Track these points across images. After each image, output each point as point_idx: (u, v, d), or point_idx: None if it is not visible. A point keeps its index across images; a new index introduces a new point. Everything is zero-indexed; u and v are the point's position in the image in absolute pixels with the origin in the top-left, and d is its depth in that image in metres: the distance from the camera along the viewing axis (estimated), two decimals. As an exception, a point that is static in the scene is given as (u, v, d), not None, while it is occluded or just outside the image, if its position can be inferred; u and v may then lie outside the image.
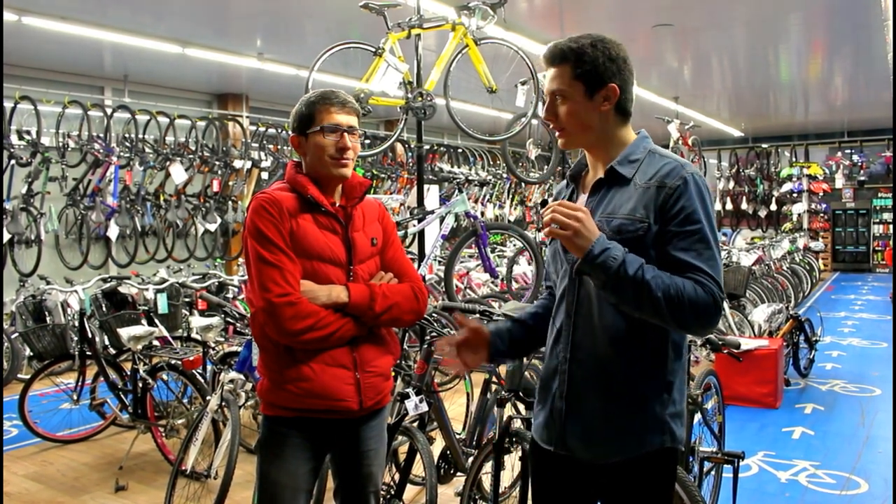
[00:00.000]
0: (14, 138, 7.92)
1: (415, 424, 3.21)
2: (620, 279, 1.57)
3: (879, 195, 16.39)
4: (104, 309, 6.87)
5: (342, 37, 4.58)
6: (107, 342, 5.41)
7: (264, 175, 10.21)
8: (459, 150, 12.95)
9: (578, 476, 1.83)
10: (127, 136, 8.79)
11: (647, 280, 1.57)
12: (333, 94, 2.22)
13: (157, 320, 6.04)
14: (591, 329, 1.72)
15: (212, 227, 9.57)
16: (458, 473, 3.42)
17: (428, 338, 3.31)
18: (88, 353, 4.94)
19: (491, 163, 13.02)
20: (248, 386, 3.92)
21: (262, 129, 10.58)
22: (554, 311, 1.84)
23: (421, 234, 4.84)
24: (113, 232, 8.47)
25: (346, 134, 2.19)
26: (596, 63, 1.71)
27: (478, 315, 3.33)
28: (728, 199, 16.44)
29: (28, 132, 7.97)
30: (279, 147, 10.49)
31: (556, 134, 1.80)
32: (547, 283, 1.99)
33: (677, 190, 1.66)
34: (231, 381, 3.75)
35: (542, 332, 1.90)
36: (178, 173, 9.00)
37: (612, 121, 1.76)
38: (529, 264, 7.71)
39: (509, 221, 11.97)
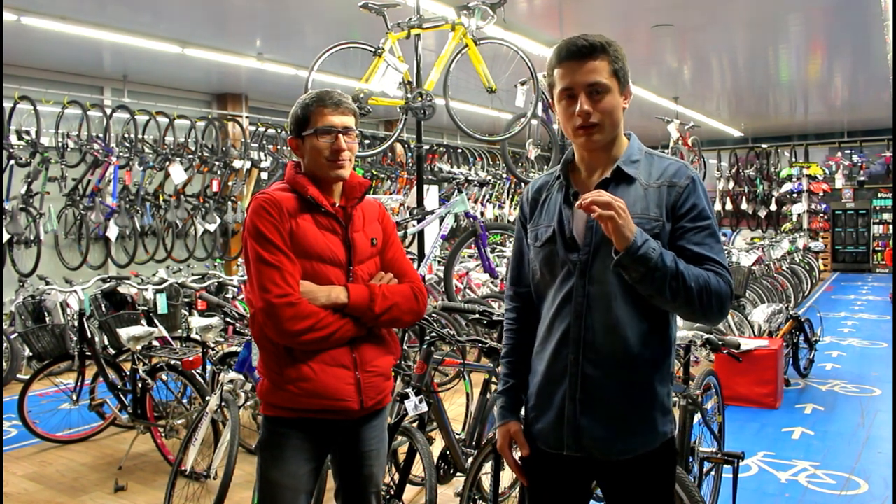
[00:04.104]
0: (13, 138, 7.92)
1: (414, 425, 3.21)
2: (659, 270, 1.59)
3: (879, 195, 16.39)
4: (103, 309, 6.87)
5: (342, 37, 4.57)
6: (106, 342, 5.40)
7: (264, 175, 10.21)
8: (459, 151, 12.96)
9: (584, 477, 1.83)
10: (126, 136, 8.79)
11: (682, 270, 1.62)
12: (328, 94, 2.21)
13: (156, 320, 6.04)
14: (605, 328, 1.72)
15: (211, 228, 9.57)
16: (458, 474, 3.41)
17: (427, 338, 3.30)
18: (88, 353, 4.94)
19: (490, 163, 13.03)
20: (248, 386, 3.91)
21: (261, 129, 10.59)
22: (551, 315, 1.80)
23: (420, 234, 4.84)
24: (112, 232, 8.46)
25: (340, 135, 2.17)
26: (624, 62, 1.74)
27: (477, 315, 3.33)
28: (728, 200, 16.45)
29: (27, 132, 7.97)
30: (278, 147, 10.49)
31: (587, 130, 1.71)
32: (519, 288, 1.95)
33: (687, 188, 1.72)
34: (230, 381, 3.75)
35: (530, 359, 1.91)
36: (177, 173, 9.00)
37: (623, 122, 1.78)
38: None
39: (509, 221, 11.96)
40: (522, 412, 1.93)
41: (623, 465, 1.75)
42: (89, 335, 4.95)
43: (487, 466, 2.99)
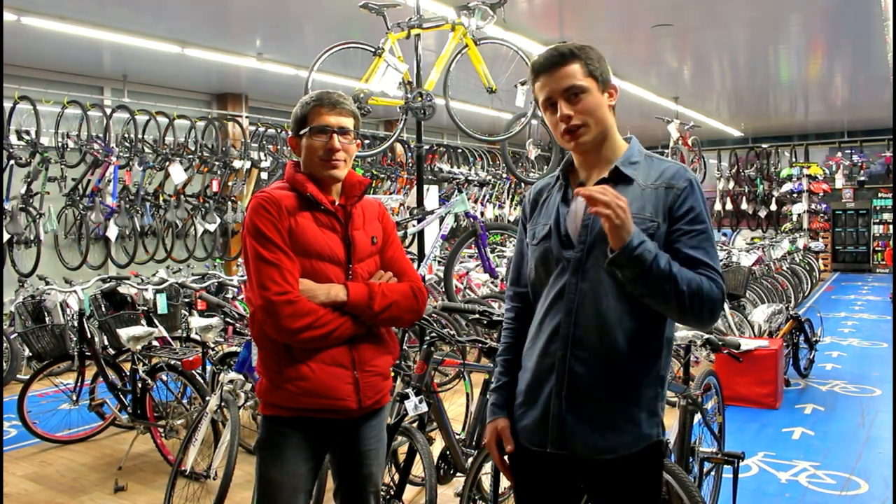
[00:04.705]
0: (13, 138, 7.92)
1: (414, 425, 3.20)
2: (653, 272, 1.60)
3: (879, 195, 16.38)
4: (103, 309, 6.87)
5: (342, 37, 4.57)
6: (106, 342, 5.40)
7: (263, 175, 10.21)
8: (459, 150, 12.95)
9: (570, 476, 1.82)
10: (126, 136, 8.79)
11: (675, 273, 1.63)
12: (327, 95, 2.21)
13: (156, 320, 6.03)
14: (594, 325, 1.72)
15: (211, 228, 9.57)
16: (458, 474, 3.41)
17: (428, 338, 3.30)
18: (88, 353, 4.93)
19: (490, 163, 13.02)
20: (248, 386, 3.91)
21: (261, 129, 10.59)
22: (542, 312, 1.81)
23: (420, 234, 4.84)
24: (112, 232, 8.46)
25: (335, 135, 2.17)
26: (600, 62, 1.77)
27: (477, 315, 3.33)
28: (728, 200, 16.46)
29: (27, 132, 7.96)
30: (278, 147, 10.49)
31: (573, 133, 1.75)
32: (518, 288, 1.96)
33: (685, 191, 1.73)
34: (230, 381, 3.74)
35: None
36: (177, 173, 9.00)
37: (613, 119, 1.80)
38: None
39: (509, 221, 11.97)
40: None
41: (606, 465, 1.74)
42: (89, 335, 4.94)
43: (487, 466, 2.99)
